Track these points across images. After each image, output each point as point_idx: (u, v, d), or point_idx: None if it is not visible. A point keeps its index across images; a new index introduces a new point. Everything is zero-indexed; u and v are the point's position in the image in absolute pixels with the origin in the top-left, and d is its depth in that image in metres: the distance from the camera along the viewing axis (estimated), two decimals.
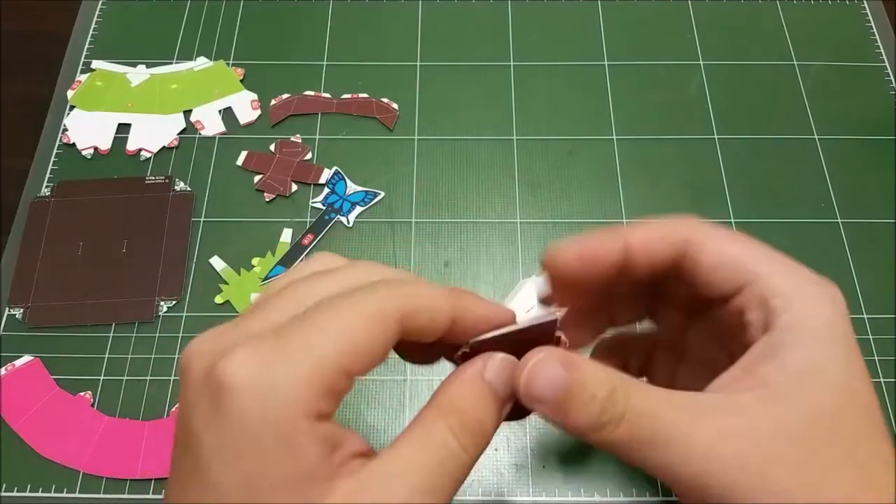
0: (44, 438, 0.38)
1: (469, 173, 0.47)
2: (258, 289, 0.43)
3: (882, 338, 0.41)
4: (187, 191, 0.46)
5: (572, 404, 0.21)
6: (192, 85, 0.50)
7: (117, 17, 0.53)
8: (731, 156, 0.47)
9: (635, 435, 0.21)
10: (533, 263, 0.44)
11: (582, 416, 0.21)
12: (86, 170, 0.47)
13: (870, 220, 0.45)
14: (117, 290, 0.42)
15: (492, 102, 0.49)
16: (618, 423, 0.21)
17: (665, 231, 0.24)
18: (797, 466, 0.20)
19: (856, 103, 0.49)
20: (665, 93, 0.50)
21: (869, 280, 0.43)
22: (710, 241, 0.24)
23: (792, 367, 0.21)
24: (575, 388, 0.21)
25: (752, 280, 0.23)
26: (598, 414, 0.21)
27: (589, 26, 0.53)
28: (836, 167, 0.47)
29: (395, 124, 0.48)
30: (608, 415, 0.21)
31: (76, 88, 0.49)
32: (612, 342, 0.30)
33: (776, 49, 0.52)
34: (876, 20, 0.53)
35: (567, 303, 0.27)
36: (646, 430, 0.21)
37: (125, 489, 0.37)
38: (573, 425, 0.21)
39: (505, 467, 0.38)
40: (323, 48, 0.52)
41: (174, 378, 0.40)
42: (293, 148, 0.47)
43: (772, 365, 0.21)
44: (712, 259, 0.23)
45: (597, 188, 0.46)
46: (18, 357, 0.40)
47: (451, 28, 0.52)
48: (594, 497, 0.37)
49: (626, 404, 0.21)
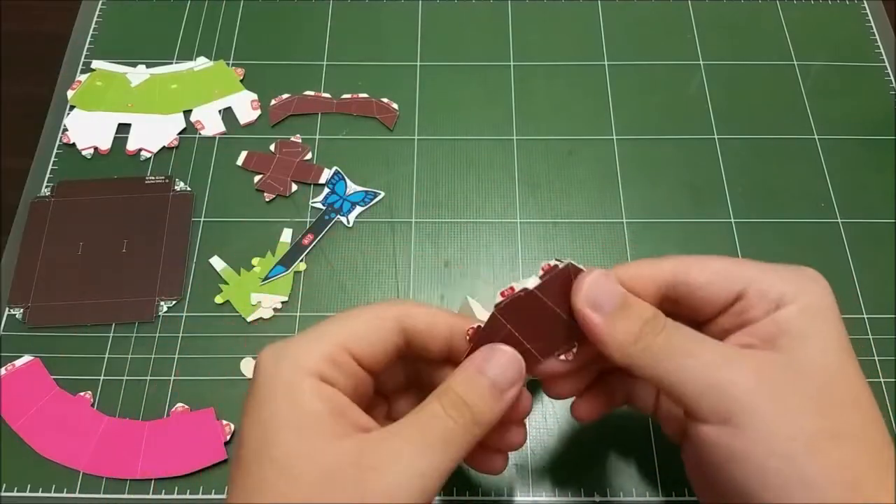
0: (44, 438, 0.38)
1: (469, 173, 0.47)
2: (258, 289, 0.42)
3: (882, 338, 0.41)
4: (187, 191, 0.46)
5: (623, 315, 0.25)
6: (192, 85, 0.50)
7: (117, 17, 0.53)
8: (731, 156, 0.47)
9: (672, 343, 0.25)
10: (533, 263, 0.44)
11: (628, 327, 0.25)
12: (86, 170, 0.47)
13: (870, 220, 0.45)
14: (117, 290, 0.42)
15: (492, 102, 0.49)
16: (657, 334, 0.25)
17: (649, 270, 0.27)
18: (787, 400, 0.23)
19: (856, 103, 0.49)
20: (665, 93, 0.50)
21: (869, 280, 0.43)
22: (694, 263, 0.26)
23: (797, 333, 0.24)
24: (628, 303, 0.26)
25: (748, 283, 0.25)
26: (641, 326, 0.25)
27: (589, 26, 0.53)
28: (836, 167, 0.47)
29: (395, 124, 0.48)
30: (650, 327, 0.25)
31: (76, 88, 0.49)
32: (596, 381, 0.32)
33: (776, 49, 0.52)
34: (876, 20, 0.53)
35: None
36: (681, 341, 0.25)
37: (125, 489, 0.37)
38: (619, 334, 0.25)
39: None
40: (323, 48, 0.52)
41: (174, 378, 0.40)
42: (293, 148, 0.47)
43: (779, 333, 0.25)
44: (703, 278, 0.26)
45: (597, 188, 0.46)
46: (18, 357, 0.40)
47: (451, 28, 0.52)
48: (594, 497, 0.37)
49: (665, 324, 0.25)
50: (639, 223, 0.45)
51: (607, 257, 0.44)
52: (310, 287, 0.43)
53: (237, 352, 0.41)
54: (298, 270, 0.43)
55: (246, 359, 0.41)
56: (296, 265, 0.43)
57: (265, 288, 0.43)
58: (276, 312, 0.42)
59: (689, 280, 0.26)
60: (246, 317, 0.42)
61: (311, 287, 0.43)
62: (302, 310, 0.42)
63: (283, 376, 0.23)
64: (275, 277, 0.43)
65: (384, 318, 0.26)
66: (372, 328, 0.25)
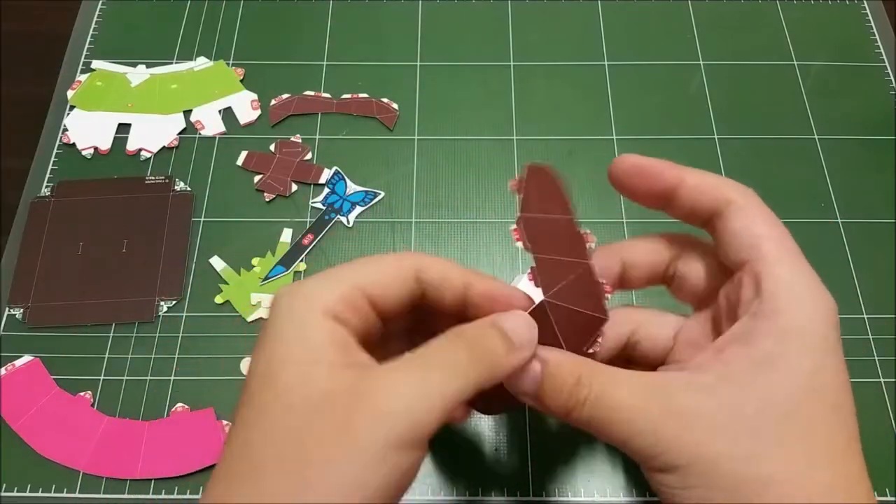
0: (44, 438, 0.38)
1: (469, 173, 0.47)
2: (258, 289, 0.42)
3: (882, 338, 0.41)
4: (187, 191, 0.46)
5: (546, 393, 0.25)
6: (192, 85, 0.50)
7: (117, 17, 0.53)
8: (731, 156, 0.47)
9: (595, 415, 0.24)
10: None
11: (553, 402, 0.25)
12: (86, 170, 0.47)
13: (870, 220, 0.45)
14: (117, 290, 0.42)
15: (492, 102, 0.49)
16: (582, 405, 0.24)
17: (716, 184, 0.26)
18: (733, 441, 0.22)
19: (856, 103, 0.49)
20: (665, 93, 0.50)
21: (869, 280, 0.43)
22: (748, 209, 0.25)
23: (757, 353, 0.23)
24: (546, 380, 0.25)
25: (756, 258, 0.24)
26: (565, 399, 0.24)
27: (589, 26, 0.53)
28: (836, 167, 0.47)
29: (395, 124, 0.48)
30: (574, 398, 0.24)
31: (76, 88, 0.49)
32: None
33: (776, 49, 0.52)
34: (876, 20, 0.53)
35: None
36: (603, 411, 0.24)
37: (125, 489, 0.37)
38: (551, 411, 0.25)
39: (505, 467, 0.38)
40: (323, 48, 0.52)
41: (174, 378, 0.40)
42: (293, 148, 0.47)
43: (740, 349, 0.23)
44: (736, 226, 0.25)
45: (597, 188, 0.46)
46: (18, 357, 0.40)
47: (451, 28, 0.52)
48: (594, 497, 0.37)
49: (590, 388, 0.24)
50: (639, 223, 0.45)
51: None
52: None
53: (237, 352, 0.41)
54: (298, 270, 0.43)
55: (246, 359, 0.41)
56: (296, 265, 0.43)
57: (265, 288, 0.43)
58: None
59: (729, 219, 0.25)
60: (246, 317, 0.42)
61: None
62: None
63: (295, 312, 0.23)
64: (275, 277, 0.43)
65: (402, 265, 0.26)
66: (390, 273, 0.25)
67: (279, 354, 0.23)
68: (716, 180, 0.26)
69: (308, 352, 0.22)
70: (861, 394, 0.29)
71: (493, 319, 0.25)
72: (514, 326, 0.25)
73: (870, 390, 0.40)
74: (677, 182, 0.27)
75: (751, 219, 0.25)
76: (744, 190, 0.26)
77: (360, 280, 0.25)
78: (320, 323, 0.23)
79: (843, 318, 0.41)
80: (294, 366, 0.22)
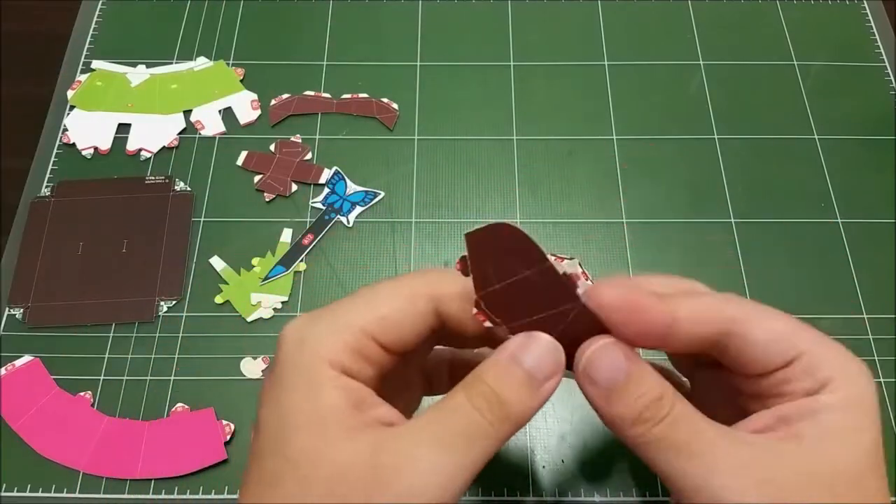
0: (44, 438, 0.38)
1: (469, 173, 0.47)
2: (258, 289, 0.42)
3: (882, 338, 0.41)
4: (187, 191, 0.46)
5: (623, 393, 0.23)
6: (192, 85, 0.50)
7: (117, 17, 0.53)
8: (731, 156, 0.47)
9: (670, 436, 0.22)
10: None
11: (627, 407, 0.22)
12: (86, 170, 0.47)
13: (870, 220, 0.45)
14: (117, 290, 0.42)
15: (492, 102, 0.49)
16: (657, 423, 0.22)
17: (713, 309, 0.24)
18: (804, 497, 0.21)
19: (856, 103, 0.49)
20: (665, 93, 0.50)
21: (869, 280, 0.43)
22: (757, 317, 0.24)
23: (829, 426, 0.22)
24: (632, 380, 0.23)
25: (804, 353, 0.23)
26: (641, 410, 0.22)
27: (589, 26, 0.53)
28: (836, 167, 0.47)
29: (395, 124, 0.48)
30: (651, 412, 0.22)
31: (76, 88, 0.49)
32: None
33: (776, 49, 0.52)
34: (876, 20, 0.53)
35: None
36: (682, 435, 0.22)
37: (125, 489, 0.37)
38: (615, 412, 0.23)
39: (505, 467, 0.38)
40: (323, 48, 0.52)
41: (174, 378, 0.40)
42: (293, 148, 0.47)
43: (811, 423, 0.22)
44: (765, 335, 0.23)
45: (597, 188, 0.46)
46: (18, 357, 0.40)
47: (451, 28, 0.52)
48: (594, 497, 0.37)
49: (671, 409, 0.22)
50: (639, 223, 0.45)
51: (607, 257, 0.44)
52: (310, 287, 0.43)
53: (237, 352, 0.41)
54: (298, 270, 0.43)
55: (246, 359, 0.41)
56: (296, 265, 0.43)
57: (265, 288, 0.43)
58: (276, 312, 0.42)
59: (748, 336, 0.23)
60: (246, 317, 0.42)
61: (311, 287, 0.43)
62: (302, 310, 0.42)
63: (303, 364, 0.22)
64: (275, 277, 0.43)
65: (416, 298, 0.24)
66: (403, 311, 0.23)
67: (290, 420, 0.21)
68: (709, 302, 0.24)
69: (320, 415, 0.21)
70: None
71: (514, 353, 0.23)
72: (537, 361, 0.23)
73: None
74: (669, 321, 0.23)
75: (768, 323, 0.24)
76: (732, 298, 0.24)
77: (367, 323, 0.23)
78: (329, 379, 0.22)
79: (843, 318, 0.42)
80: (307, 433, 0.21)
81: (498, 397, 0.22)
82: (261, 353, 0.41)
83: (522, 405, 0.22)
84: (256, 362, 0.40)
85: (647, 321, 0.23)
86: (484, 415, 0.22)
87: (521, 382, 0.22)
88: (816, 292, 0.43)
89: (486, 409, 0.22)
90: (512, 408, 0.22)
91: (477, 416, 0.22)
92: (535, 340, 0.23)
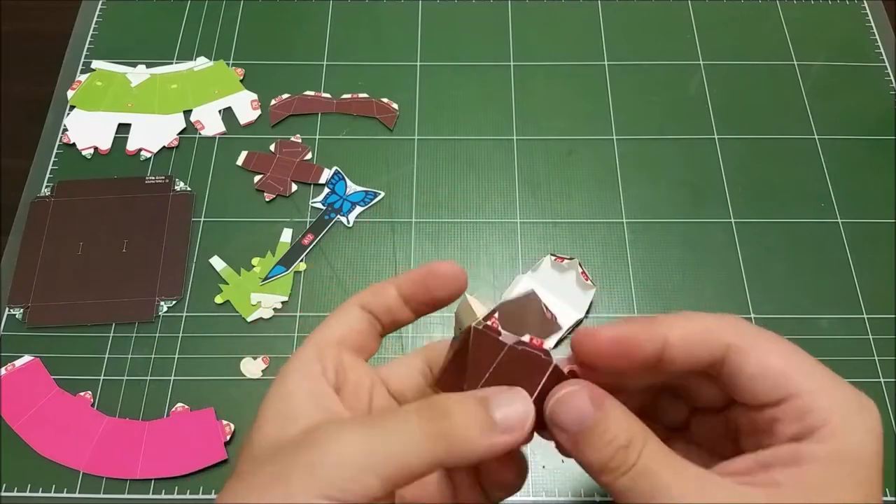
0: (44, 438, 0.38)
1: (469, 173, 0.47)
2: (258, 289, 0.42)
3: (882, 338, 0.41)
4: (187, 191, 0.46)
5: (589, 441, 0.22)
6: (192, 85, 0.50)
7: (117, 17, 0.53)
8: (731, 156, 0.47)
9: (635, 490, 0.21)
10: (533, 263, 0.44)
11: (594, 454, 0.22)
12: (86, 170, 0.47)
13: (870, 220, 0.45)
14: (117, 290, 0.42)
15: (492, 102, 0.49)
16: (623, 473, 0.21)
17: (706, 332, 0.23)
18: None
19: (856, 103, 0.49)
20: (665, 93, 0.50)
21: (869, 280, 0.43)
22: (753, 349, 0.23)
23: (809, 479, 0.21)
24: (597, 428, 0.22)
25: (795, 394, 0.22)
26: (608, 458, 0.22)
27: (589, 26, 0.53)
28: (836, 167, 0.47)
29: (395, 124, 0.48)
30: (617, 462, 0.21)
31: (76, 88, 0.49)
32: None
33: (776, 49, 0.52)
34: (876, 20, 0.53)
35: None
36: (646, 490, 0.21)
37: (125, 489, 0.37)
38: (583, 459, 0.22)
39: None
40: (323, 48, 0.52)
41: (174, 378, 0.40)
42: (293, 148, 0.47)
43: (791, 471, 0.21)
44: (756, 370, 0.22)
45: (597, 188, 0.46)
46: (18, 357, 0.40)
47: (451, 28, 0.52)
48: (594, 497, 0.37)
49: (638, 458, 0.21)
50: (639, 223, 0.45)
51: (607, 257, 0.44)
52: (310, 287, 0.43)
53: (237, 352, 0.41)
54: (298, 270, 0.43)
55: (246, 359, 0.41)
56: (296, 265, 0.43)
57: (265, 288, 0.43)
58: (276, 312, 0.42)
59: (742, 368, 0.23)
60: (246, 317, 0.42)
61: (311, 287, 0.43)
62: (302, 310, 0.42)
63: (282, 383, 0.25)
64: (275, 277, 0.43)
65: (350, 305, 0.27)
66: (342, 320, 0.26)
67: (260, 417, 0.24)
68: (702, 325, 0.23)
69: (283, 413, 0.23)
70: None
71: (486, 395, 0.23)
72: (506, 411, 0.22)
73: (870, 390, 0.39)
74: (660, 345, 0.23)
75: (762, 357, 0.22)
76: (734, 324, 0.23)
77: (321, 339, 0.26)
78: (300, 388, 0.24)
79: (843, 318, 0.42)
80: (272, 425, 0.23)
81: (446, 415, 0.22)
82: (261, 353, 0.41)
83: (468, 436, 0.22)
84: (256, 362, 0.40)
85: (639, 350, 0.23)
86: (423, 427, 0.21)
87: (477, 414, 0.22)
88: (816, 292, 0.43)
89: (429, 422, 0.21)
90: (456, 432, 0.21)
91: (416, 425, 0.21)
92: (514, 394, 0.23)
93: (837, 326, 0.42)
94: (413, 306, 0.27)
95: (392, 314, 0.27)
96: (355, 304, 0.27)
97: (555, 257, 0.25)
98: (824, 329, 0.42)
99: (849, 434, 0.21)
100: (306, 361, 0.25)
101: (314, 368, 0.25)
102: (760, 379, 0.22)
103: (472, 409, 0.22)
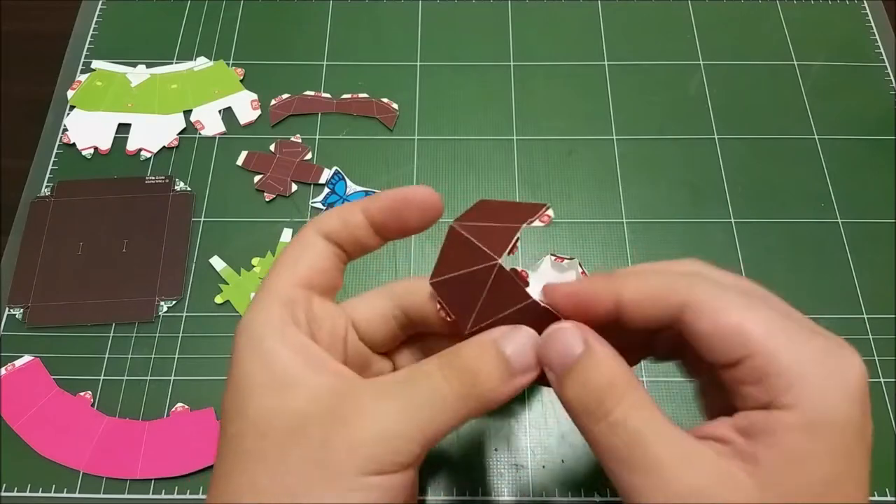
0: (44, 438, 0.38)
1: (469, 173, 0.47)
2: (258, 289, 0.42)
3: (882, 338, 0.41)
4: (187, 191, 0.46)
5: (571, 378, 0.22)
6: (192, 85, 0.50)
7: (117, 17, 0.53)
8: (731, 156, 0.47)
9: (613, 440, 0.20)
10: (533, 263, 0.44)
11: (572, 390, 0.22)
12: (86, 170, 0.47)
13: (870, 220, 0.45)
14: (117, 290, 0.42)
15: (492, 102, 0.49)
16: (600, 418, 0.21)
17: (661, 288, 0.22)
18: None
19: (856, 103, 0.49)
20: (665, 93, 0.50)
21: (869, 280, 0.43)
22: (708, 306, 0.21)
23: (786, 454, 0.19)
24: (579, 365, 0.22)
25: (752, 354, 0.20)
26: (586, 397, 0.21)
27: (589, 26, 0.53)
28: (836, 167, 0.47)
29: (395, 124, 0.48)
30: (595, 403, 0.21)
31: (76, 88, 0.49)
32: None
33: (776, 49, 0.52)
34: (876, 20, 0.53)
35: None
36: (624, 442, 0.20)
37: (125, 489, 0.37)
38: (563, 396, 0.22)
39: (505, 467, 0.38)
40: (323, 48, 0.52)
41: (174, 378, 0.40)
42: (293, 148, 0.47)
43: (767, 443, 0.20)
44: (709, 327, 0.21)
45: (597, 188, 0.46)
46: (18, 357, 0.40)
47: (451, 28, 0.52)
48: (594, 497, 0.37)
49: (618, 404, 0.21)
50: (639, 223, 0.45)
51: (607, 257, 0.44)
52: None
53: None
54: None
55: None
56: None
57: None
58: None
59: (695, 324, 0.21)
60: None
61: None
62: None
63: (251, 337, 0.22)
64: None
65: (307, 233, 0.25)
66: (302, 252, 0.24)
67: (246, 386, 0.22)
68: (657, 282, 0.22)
69: (272, 375, 0.21)
70: None
71: (496, 339, 0.23)
72: (517, 350, 0.22)
73: (870, 390, 0.40)
74: (613, 303, 0.22)
75: (717, 314, 0.21)
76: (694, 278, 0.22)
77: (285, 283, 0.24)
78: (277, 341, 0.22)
79: (843, 319, 0.42)
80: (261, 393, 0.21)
81: (471, 372, 0.22)
82: None
83: (493, 387, 0.22)
84: None
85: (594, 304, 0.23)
86: (452, 386, 0.21)
87: (497, 365, 0.22)
88: (816, 292, 0.43)
89: (457, 381, 0.21)
90: (482, 386, 0.22)
91: (445, 386, 0.21)
92: (519, 331, 0.23)
93: (837, 326, 0.42)
94: (382, 234, 0.25)
95: (359, 244, 0.25)
96: (318, 232, 0.24)
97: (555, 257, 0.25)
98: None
99: (817, 399, 0.19)
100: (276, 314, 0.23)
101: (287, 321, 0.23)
102: (715, 338, 0.21)
103: (492, 360, 0.22)
